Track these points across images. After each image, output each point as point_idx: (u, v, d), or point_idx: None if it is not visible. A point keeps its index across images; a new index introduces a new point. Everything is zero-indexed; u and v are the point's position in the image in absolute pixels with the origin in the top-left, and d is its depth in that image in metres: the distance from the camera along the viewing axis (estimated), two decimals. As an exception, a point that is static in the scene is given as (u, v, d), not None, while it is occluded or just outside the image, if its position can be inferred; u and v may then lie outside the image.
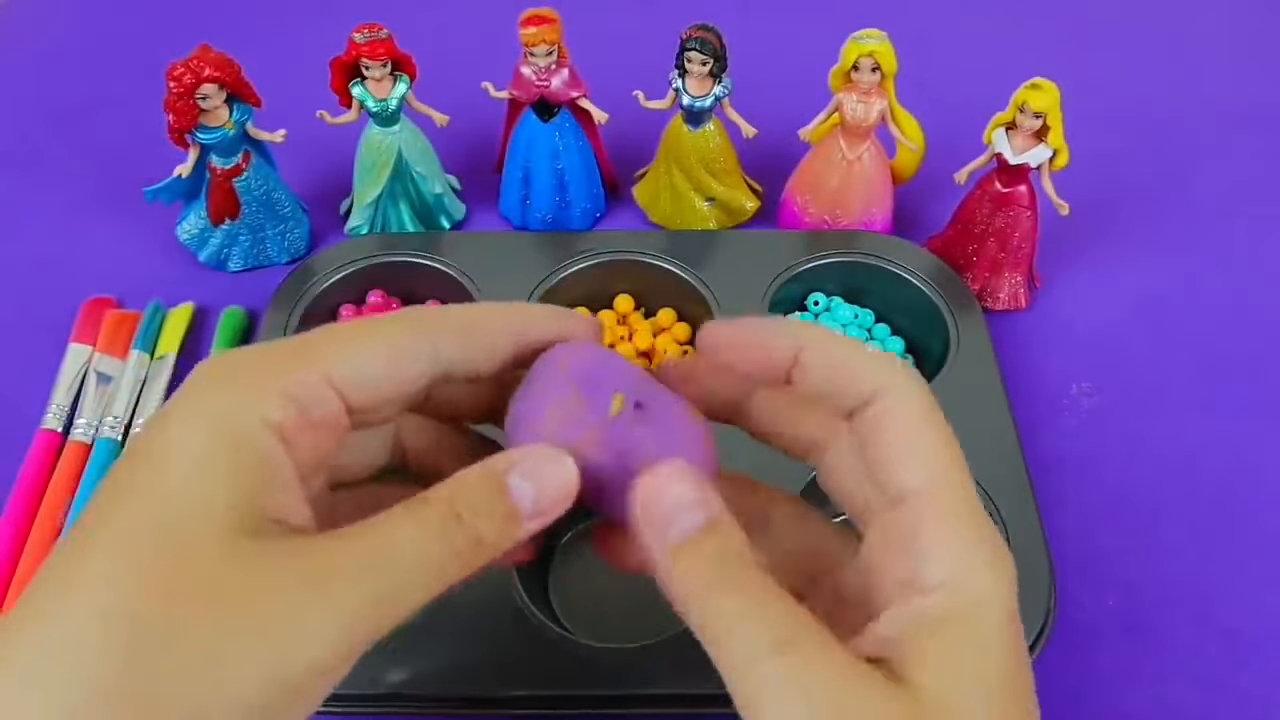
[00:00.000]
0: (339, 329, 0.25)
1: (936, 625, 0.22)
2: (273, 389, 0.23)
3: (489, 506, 0.24)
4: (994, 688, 0.22)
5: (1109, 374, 0.54)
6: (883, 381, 0.25)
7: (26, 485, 0.48)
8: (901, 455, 0.24)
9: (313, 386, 0.24)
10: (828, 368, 0.25)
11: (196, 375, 0.24)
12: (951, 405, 0.47)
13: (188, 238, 0.57)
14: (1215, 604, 0.46)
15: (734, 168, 0.59)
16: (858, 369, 0.25)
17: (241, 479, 0.22)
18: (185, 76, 0.50)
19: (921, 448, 0.24)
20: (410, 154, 0.57)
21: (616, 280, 0.55)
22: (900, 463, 0.24)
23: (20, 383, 0.53)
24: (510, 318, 0.27)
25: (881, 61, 0.52)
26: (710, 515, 0.24)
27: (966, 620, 0.22)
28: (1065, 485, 0.49)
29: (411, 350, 0.25)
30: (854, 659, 0.22)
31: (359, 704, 0.40)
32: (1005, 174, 0.53)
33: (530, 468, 0.24)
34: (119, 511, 0.21)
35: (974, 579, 0.23)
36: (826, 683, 0.22)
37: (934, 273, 0.54)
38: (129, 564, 0.21)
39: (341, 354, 0.24)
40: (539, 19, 0.53)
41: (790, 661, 0.22)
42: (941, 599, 0.23)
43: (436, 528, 0.23)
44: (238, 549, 0.21)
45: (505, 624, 0.41)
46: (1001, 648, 0.22)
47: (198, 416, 0.22)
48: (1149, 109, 0.69)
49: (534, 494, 0.24)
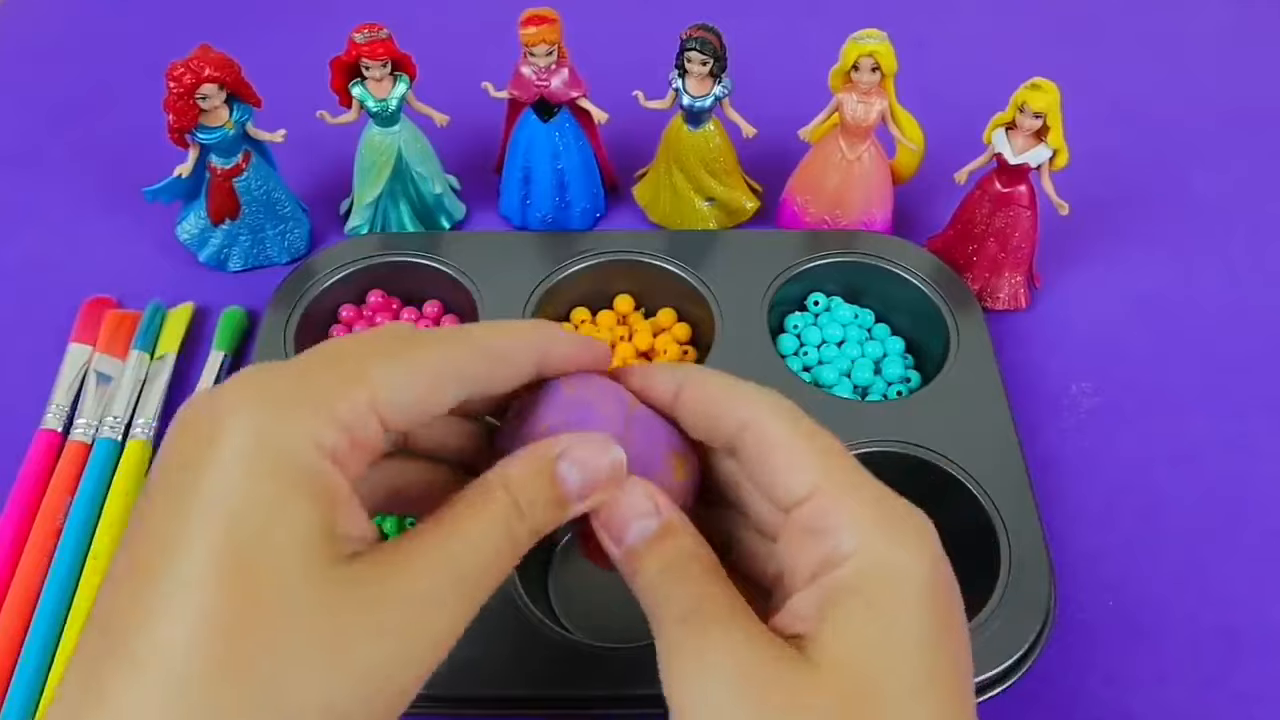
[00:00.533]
0: (380, 346, 0.25)
1: (845, 594, 0.23)
2: (325, 414, 0.22)
3: (544, 494, 0.25)
4: (906, 654, 0.23)
5: (1109, 374, 0.54)
6: (746, 411, 0.26)
7: (26, 485, 0.48)
8: (785, 468, 0.25)
9: (361, 412, 0.23)
10: (700, 404, 0.27)
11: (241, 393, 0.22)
12: (951, 405, 0.48)
13: (188, 238, 0.57)
14: (1215, 604, 0.46)
15: (734, 168, 0.59)
16: (725, 403, 0.27)
17: (315, 510, 0.22)
18: (185, 76, 0.50)
19: (799, 456, 0.25)
20: (410, 154, 0.57)
21: (616, 280, 0.55)
22: (787, 474, 0.25)
23: (20, 383, 0.53)
24: (537, 340, 0.27)
25: (881, 61, 0.52)
26: (662, 521, 0.26)
27: (876, 588, 0.23)
28: (1065, 485, 0.49)
29: (451, 373, 0.25)
30: (763, 631, 0.24)
31: (359, 704, 0.40)
32: (1005, 174, 0.53)
33: (580, 455, 0.25)
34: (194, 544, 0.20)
35: (884, 549, 0.24)
36: (727, 650, 0.23)
37: (934, 273, 0.54)
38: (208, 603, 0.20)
39: (388, 378, 0.24)
40: (539, 19, 0.53)
41: (690, 629, 0.23)
42: (849, 570, 0.24)
43: (502, 524, 0.24)
44: (324, 579, 0.21)
45: (505, 624, 0.41)
46: (918, 614, 0.23)
47: (253, 444, 0.21)
48: (1149, 109, 0.69)
49: (581, 481, 0.25)
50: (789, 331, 0.55)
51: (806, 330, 0.54)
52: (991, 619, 0.41)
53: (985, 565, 0.43)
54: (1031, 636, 0.41)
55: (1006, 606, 0.41)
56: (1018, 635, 0.41)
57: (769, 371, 0.50)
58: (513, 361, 0.27)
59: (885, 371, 0.53)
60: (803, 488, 0.25)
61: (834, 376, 0.52)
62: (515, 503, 0.24)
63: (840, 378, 0.52)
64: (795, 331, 0.54)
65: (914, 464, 0.46)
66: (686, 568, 0.25)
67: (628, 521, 0.26)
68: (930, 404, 0.49)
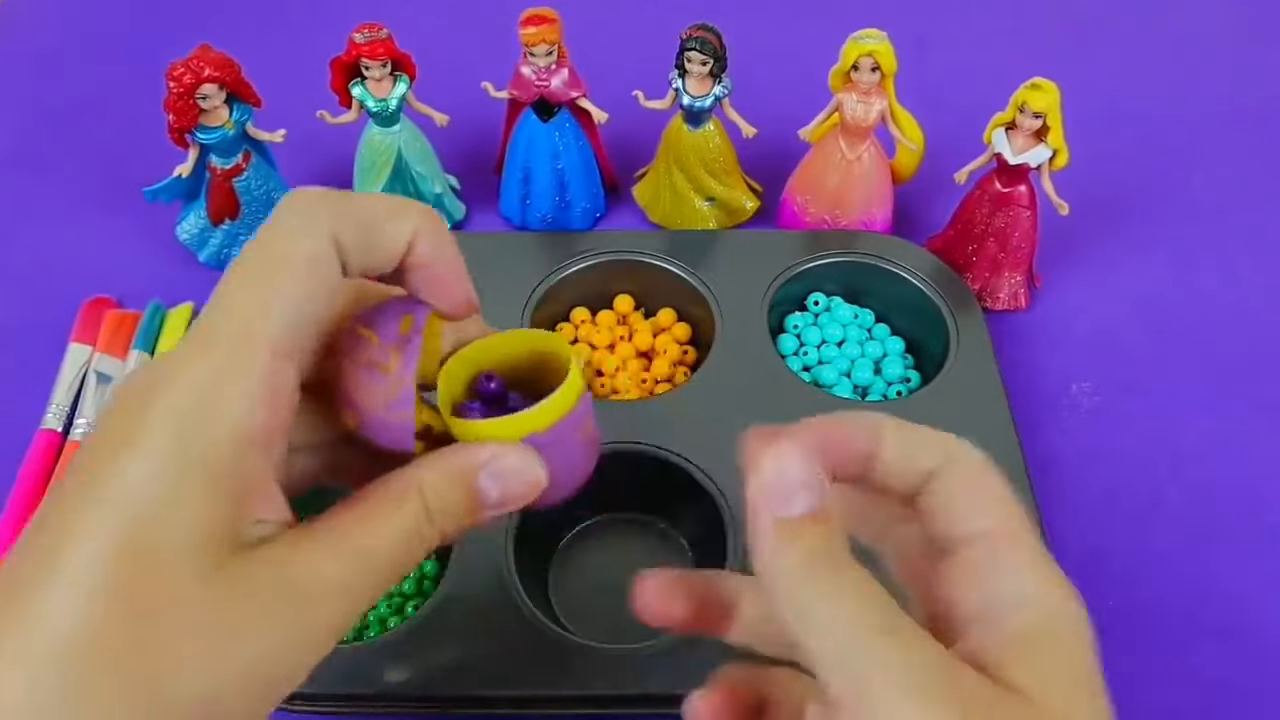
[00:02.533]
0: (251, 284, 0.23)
1: (1030, 635, 0.24)
2: (237, 390, 0.22)
3: (457, 505, 0.25)
4: (1091, 690, 0.24)
5: (1109, 374, 0.54)
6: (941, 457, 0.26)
7: (27, 485, 0.48)
8: (972, 505, 0.25)
9: (272, 374, 0.22)
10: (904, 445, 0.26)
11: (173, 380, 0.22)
12: (951, 405, 0.48)
13: (188, 238, 0.57)
14: (1215, 604, 0.46)
15: (734, 168, 0.59)
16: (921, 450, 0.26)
17: (220, 507, 0.22)
18: (185, 76, 0.50)
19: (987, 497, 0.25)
20: (410, 154, 0.57)
21: (616, 280, 0.55)
22: (971, 510, 0.25)
23: (20, 383, 0.53)
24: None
25: (881, 61, 0.52)
26: (820, 501, 0.24)
27: (1055, 631, 0.24)
28: (1065, 485, 0.49)
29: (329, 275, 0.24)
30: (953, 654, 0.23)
31: (358, 704, 0.40)
32: (1005, 174, 0.53)
33: (500, 469, 0.25)
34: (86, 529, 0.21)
35: (1055, 596, 0.24)
36: (940, 668, 0.22)
37: (934, 273, 0.54)
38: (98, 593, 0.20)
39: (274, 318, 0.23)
40: (539, 19, 0.53)
41: (896, 642, 0.22)
42: (1031, 614, 0.24)
43: (412, 526, 0.24)
44: (218, 577, 0.21)
45: (505, 624, 0.41)
46: (1086, 655, 0.24)
47: (172, 445, 0.21)
48: (1149, 109, 0.69)
49: (500, 495, 0.25)
50: (789, 331, 0.55)
51: (806, 330, 0.54)
52: (991, 619, 0.41)
53: (985, 565, 0.43)
54: (1031, 636, 0.41)
55: (1006, 606, 0.41)
56: (1018, 635, 0.41)
57: (769, 371, 0.50)
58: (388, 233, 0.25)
59: (885, 371, 0.53)
60: (988, 520, 0.25)
61: (834, 376, 0.52)
62: (427, 508, 0.24)
63: (840, 378, 0.52)
64: (795, 331, 0.54)
65: (914, 464, 0.46)
66: (861, 572, 0.23)
67: (795, 490, 0.24)
68: (930, 404, 0.49)
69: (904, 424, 0.26)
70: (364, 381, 0.25)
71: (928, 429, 0.27)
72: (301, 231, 0.23)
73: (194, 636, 0.21)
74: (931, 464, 0.26)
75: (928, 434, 0.26)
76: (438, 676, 0.40)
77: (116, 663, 0.20)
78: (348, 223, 0.24)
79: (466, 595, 0.42)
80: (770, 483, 0.24)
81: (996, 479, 0.26)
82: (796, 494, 0.24)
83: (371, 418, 0.25)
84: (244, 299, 0.23)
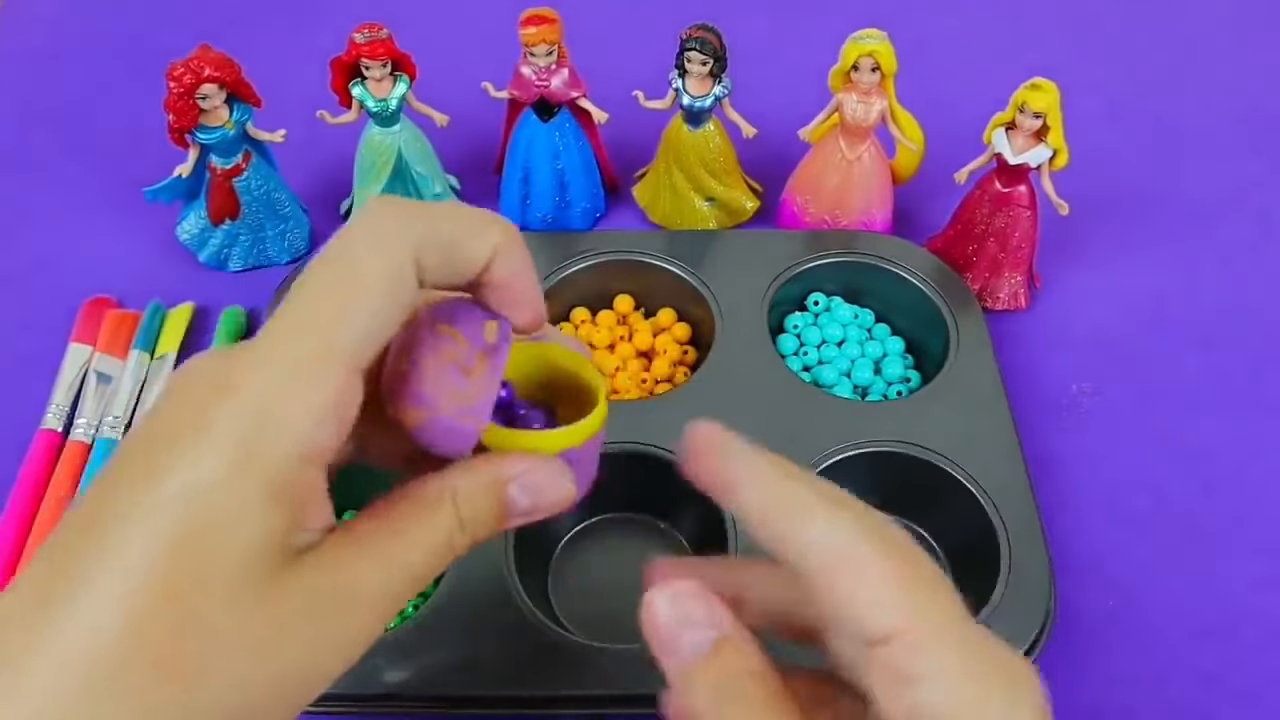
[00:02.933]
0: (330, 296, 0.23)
1: None
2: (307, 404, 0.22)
3: (488, 514, 0.25)
4: None
5: (1109, 374, 0.54)
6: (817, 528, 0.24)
7: (27, 485, 0.48)
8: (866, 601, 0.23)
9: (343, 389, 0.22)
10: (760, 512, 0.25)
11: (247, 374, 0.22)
12: (951, 405, 0.48)
13: (188, 238, 0.57)
14: (1214, 604, 0.46)
15: (734, 168, 0.59)
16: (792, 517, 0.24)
17: (277, 519, 0.21)
18: (185, 76, 0.50)
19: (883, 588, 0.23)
20: (410, 154, 0.57)
21: (616, 280, 0.55)
22: (867, 608, 0.23)
23: (20, 383, 0.53)
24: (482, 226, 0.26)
25: (881, 61, 0.52)
26: (720, 634, 0.24)
27: None
28: (1065, 485, 0.49)
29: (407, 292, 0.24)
30: None
31: (359, 704, 0.40)
32: (1005, 174, 0.53)
33: (532, 483, 0.25)
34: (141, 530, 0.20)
35: (977, 705, 0.22)
36: None
37: (934, 273, 0.54)
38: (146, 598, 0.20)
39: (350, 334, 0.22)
40: (539, 19, 0.53)
41: None
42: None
43: (444, 535, 0.24)
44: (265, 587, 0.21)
45: (505, 624, 0.41)
46: None
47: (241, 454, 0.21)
48: (1149, 108, 0.69)
49: (529, 506, 0.26)
50: (789, 331, 0.55)
51: (806, 330, 0.54)
52: (991, 619, 0.41)
53: (985, 565, 0.43)
54: (1031, 636, 0.41)
55: (1006, 606, 0.41)
56: (1018, 635, 0.41)
57: (769, 372, 0.50)
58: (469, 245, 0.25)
59: (885, 371, 0.53)
60: (885, 626, 0.22)
61: (834, 376, 0.52)
62: (459, 516, 0.25)
63: (840, 378, 0.52)
64: (795, 331, 0.54)
65: (914, 464, 0.46)
66: (745, 692, 0.23)
67: (679, 634, 0.24)
68: (930, 404, 0.49)
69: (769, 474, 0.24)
70: (447, 380, 0.24)
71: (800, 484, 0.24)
72: (384, 248, 0.23)
73: (237, 650, 0.21)
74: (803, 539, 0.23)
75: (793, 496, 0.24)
76: (438, 676, 0.40)
77: (158, 671, 0.20)
78: (431, 241, 0.24)
79: (466, 595, 0.42)
80: (658, 625, 0.24)
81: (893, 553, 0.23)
82: (682, 636, 0.24)
83: (440, 419, 0.24)
84: (324, 309, 0.23)
